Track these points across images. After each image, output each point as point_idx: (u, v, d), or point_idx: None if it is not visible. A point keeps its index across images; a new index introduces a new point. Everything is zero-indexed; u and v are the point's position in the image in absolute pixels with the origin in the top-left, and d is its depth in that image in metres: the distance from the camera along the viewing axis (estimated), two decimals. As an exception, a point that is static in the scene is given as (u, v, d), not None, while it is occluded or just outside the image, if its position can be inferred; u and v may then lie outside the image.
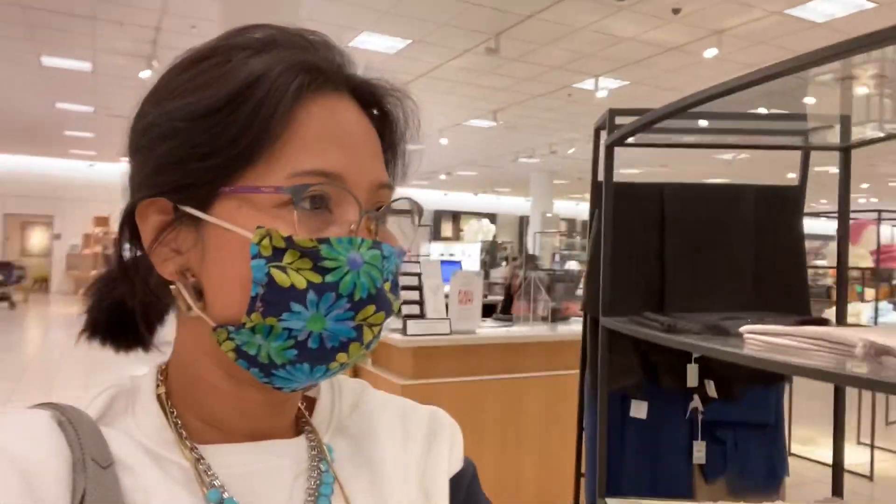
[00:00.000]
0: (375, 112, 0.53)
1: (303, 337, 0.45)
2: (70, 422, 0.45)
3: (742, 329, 1.23)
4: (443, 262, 5.37)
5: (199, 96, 0.46)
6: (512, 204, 22.05)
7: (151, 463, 0.46)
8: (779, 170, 12.52)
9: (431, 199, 20.33)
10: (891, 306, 6.49)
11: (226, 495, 0.47)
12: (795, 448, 4.75)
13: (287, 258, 0.44)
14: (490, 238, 12.47)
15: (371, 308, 0.46)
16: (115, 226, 0.53)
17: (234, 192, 0.45)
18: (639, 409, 1.92)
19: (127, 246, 0.51)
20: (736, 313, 1.57)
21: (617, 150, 1.71)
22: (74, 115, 10.91)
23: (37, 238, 17.68)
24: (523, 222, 19.83)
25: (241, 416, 0.50)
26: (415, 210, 0.54)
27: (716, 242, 1.89)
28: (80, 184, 16.39)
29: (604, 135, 1.83)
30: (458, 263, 5.40)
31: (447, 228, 21.50)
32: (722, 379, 1.88)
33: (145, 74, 7.48)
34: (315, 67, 0.47)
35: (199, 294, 0.47)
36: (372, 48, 7.12)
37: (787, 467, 1.95)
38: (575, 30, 6.51)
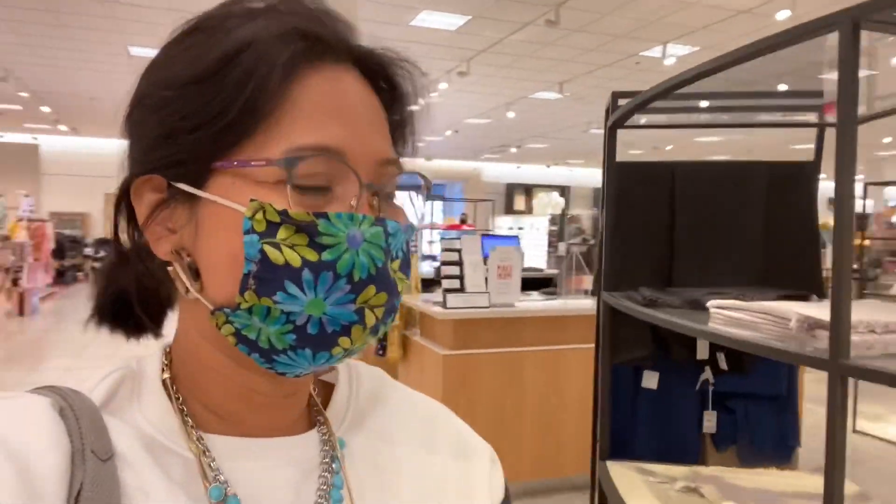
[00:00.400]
0: (382, 85, 0.50)
1: (301, 321, 0.43)
2: (71, 408, 0.43)
3: (709, 304, 1.30)
4: (498, 236, 5.45)
5: (188, 65, 0.44)
6: (585, 175, 21.66)
7: (153, 458, 0.45)
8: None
9: (504, 172, 20.29)
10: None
11: (229, 492, 0.45)
12: (861, 425, 4.61)
13: (282, 233, 0.42)
14: (559, 211, 12.40)
15: (372, 289, 0.44)
16: None
17: (227, 168, 0.43)
18: (650, 380, 1.99)
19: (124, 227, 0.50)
20: (725, 288, 1.63)
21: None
22: (162, 100, 11.62)
23: (134, 216, 18.96)
24: (597, 194, 19.49)
25: (247, 406, 0.48)
26: (423, 185, 0.52)
27: (726, 219, 1.92)
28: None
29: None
30: (514, 238, 5.46)
31: (520, 202, 21.39)
32: (732, 351, 1.93)
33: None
34: (313, 35, 0.45)
35: (196, 275, 0.46)
36: (432, 26, 7.22)
37: (800, 437, 1.98)
38: (637, -3, 6.35)
